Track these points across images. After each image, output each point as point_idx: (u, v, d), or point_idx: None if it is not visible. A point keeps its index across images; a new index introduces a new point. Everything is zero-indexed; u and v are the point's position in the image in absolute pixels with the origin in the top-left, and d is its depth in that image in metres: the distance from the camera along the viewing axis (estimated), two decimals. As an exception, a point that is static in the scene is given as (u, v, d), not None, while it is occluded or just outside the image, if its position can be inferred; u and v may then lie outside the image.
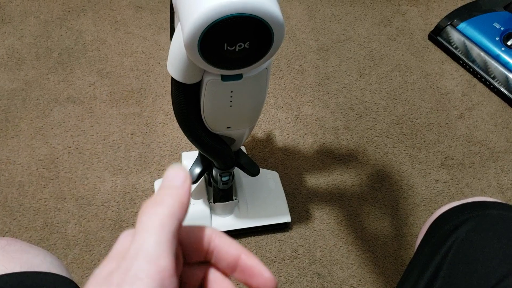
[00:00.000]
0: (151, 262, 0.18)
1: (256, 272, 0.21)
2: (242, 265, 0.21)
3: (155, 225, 0.19)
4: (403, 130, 0.92)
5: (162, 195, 0.20)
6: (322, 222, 0.79)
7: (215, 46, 0.39)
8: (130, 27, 1.03)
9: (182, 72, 0.45)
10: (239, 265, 0.21)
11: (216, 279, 0.22)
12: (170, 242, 0.19)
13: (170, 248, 0.19)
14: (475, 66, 1.01)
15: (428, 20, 1.12)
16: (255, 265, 0.21)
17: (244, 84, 0.46)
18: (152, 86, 0.94)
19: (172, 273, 0.18)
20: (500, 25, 1.04)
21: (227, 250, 0.21)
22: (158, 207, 0.20)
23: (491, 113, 0.97)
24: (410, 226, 0.80)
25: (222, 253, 0.21)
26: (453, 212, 0.39)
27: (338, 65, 1.01)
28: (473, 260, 0.33)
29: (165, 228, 0.19)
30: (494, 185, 0.86)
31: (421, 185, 0.85)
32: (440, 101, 0.98)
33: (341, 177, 0.85)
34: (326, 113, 0.93)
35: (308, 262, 0.75)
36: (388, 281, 0.74)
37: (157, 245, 0.18)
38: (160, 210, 0.19)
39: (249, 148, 0.86)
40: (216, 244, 0.22)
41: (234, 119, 0.53)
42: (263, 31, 0.39)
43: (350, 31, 1.08)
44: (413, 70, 1.02)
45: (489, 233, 0.34)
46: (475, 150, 0.91)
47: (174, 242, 0.19)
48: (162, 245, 0.18)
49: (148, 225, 0.19)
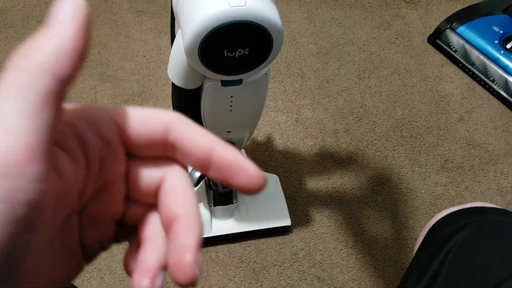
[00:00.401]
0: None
1: (237, 169, 0.16)
2: (217, 161, 0.16)
3: (12, 86, 0.13)
4: (403, 133, 0.93)
5: (35, 40, 0.14)
6: (322, 226, 0.79)
7: (215, 52, 0.40)
8: (131, 31, 1.03)
9: (183, 77, 0.45)
10: (213, 162, 0.16)
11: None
12: (36, 110, 0.13)
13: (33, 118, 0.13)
14: (474, 69, 1.02)
15: (428, 23, 1.13)
16: (233, 160, 0.16)
17: (244, 89, 0.47)
18: (153, 90, 0.94)
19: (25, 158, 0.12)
20: (499, 29, 1.04)
21: (194, 143, 0.16)
22: (24, 59, 0.13)
23: (491, 116, 0.97)
24: (410, 229, 0.80)
25: (188, 147, 0.16)
26: (452, 217, 0.39)
27: (338, 69, 1.01)
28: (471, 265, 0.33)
29: (28, 90, 0.13)
30: (494, 188, 0.87)
31: (420, 188, 0.85)
32: (439, 104, 0.98)
33: (341, 180, 0.85)
34: (325, 116, 0.94)
35: (308, 266, 0.75)
36: (388, 284, 0.74)
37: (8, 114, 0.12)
38: (23, 64, 0.13)
39: (249, 151, 0.87)
40: (179, 136, 0.16)
41: (234, 124, 0.53)
42: (262, 37, 0.39)
43: (349, 34, 1.08)
44: (413, 73, 1.03)
45: (488, 238, 0.34)
46: (474, 153, 0.91)
47: (48, 109, 0.13)
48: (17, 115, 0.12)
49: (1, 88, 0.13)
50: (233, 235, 0.74)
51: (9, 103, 0.13)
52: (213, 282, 0.72)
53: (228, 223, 0.75)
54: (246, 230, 0.74)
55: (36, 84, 0.13)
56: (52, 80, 0.14)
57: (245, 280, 0.73)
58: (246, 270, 0.74)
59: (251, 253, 0.75)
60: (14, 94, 0.13)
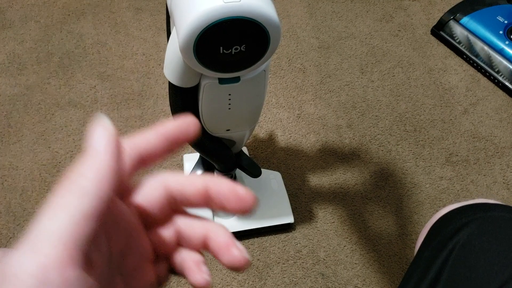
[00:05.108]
0: (33, 252, 0.15)
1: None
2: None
3: (58, 207, 0.16)
4: (407, 127, 0.91)
5: (77, 166, 0.17)
6: (325, 222, 0.78)
7: (211, 49, 0.39)
8: (130, 29, 1.03)
9: (179, 76, 0.45)
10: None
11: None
12: (76, 227, 0.15)
13: (72, 234, 0.15)
14: (479, 61, 1.00)
15: (431, 15, 1.11)
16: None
17: (242, 87, 0.46)
18: (153, 88, 0.93)
19: (63, 266, 0.15)
20: (504, 19, 1.02)
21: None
22: (69, 184, 0.16)
23: (496, 108, 0.96)
24: (414, 224, 0.79)
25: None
26: (454, 214, 0.38)
27: (340, 63, 1.00)
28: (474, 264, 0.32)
29: (70, 211, 0.16)
30: (499, 181, 0.85)
31: (425, 183, 0.84)
32: (443, 97, 0.96)
33: (344, 176, 0.84)
34: (328, 111, 0.92)
35: (312, 263, 0.74)
36: (393, 280, 0.74)
37: (50, 230, 0.15)
38: (69, 188, 0.16)
39: (251, 149, 0.86)
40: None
41: (234, 122, 0.53)
42: (258, 33, 0.38)
43: (351, 28, 1.07)
44: (416, 66, 1.01)
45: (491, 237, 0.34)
46: (480, 146, 0.90)
47: (87, 226, 0.16)
48: (58, 230, 0.15)
49: (49, 207, 0.16)
50: (236, 233, 0.74)
51: (56, 220, 0.16)
52: (217, 281, 0.72)
53: (230, 221, 0.74)
54: (249, 228, 0.74)
55: (80, 204, 0.16)
56: (93, 200, 0.16)
57: (248, 278, 0.72)
58: (250, 268, 0.73)
59: (254, 251, 0.75)
60: (61, 213, 0.16)
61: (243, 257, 0.19)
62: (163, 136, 0.19)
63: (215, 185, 0.19)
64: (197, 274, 0.19)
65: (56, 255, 0.15)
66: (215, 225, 0.20)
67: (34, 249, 0.15)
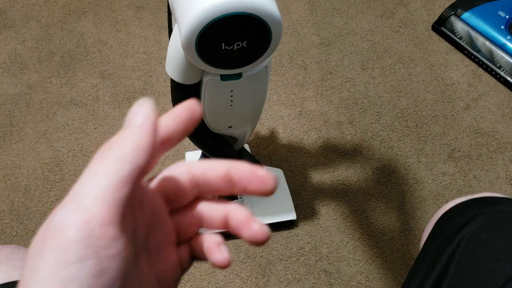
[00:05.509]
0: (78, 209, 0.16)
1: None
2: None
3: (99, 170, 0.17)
4: (408, 123, 0.91)
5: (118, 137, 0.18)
6: (328, 219, 0.78)
7: (212, 46, 0.39)
8: (131, 27, 1.03)
9: (181, 73, 0.45)
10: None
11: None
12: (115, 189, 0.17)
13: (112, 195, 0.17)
14: (480, 56, 1.00)
15: (432, 10, 1.11)
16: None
17: (244, 83, 0.46)
18: (155, 86, 0.93)
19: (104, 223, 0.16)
20: (505, 14, 1.02)
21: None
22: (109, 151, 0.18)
23: (498, 103, 0.95)
24: (417, 220, 0.79)
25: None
26: (460, 208, 0.38)
27: (341, 59, 1.00)
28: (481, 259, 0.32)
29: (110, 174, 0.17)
30: (502, 176, 0.85)
31: (427, 179, 0.84)
32: (445, 93, 0.96)
33: (346, 173, 0.84)
34: (329, 108, 0.92)
35: (315, 259, 0.74)
36: (396, 276, 0.74)
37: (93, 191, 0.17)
38: (109, 155, 0.18)
39: (252, 146, 0.86)
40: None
41: (235, 119, 0.53)
42: (260, 29, 0.38)
43: (352, 24, 1.07)
44: (417, 62, 1.01)
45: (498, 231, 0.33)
46: (482, 141, 0.90)
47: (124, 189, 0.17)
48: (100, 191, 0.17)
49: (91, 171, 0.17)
50: (238, 231, 0.74)
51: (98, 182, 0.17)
52: (220, 278, 0.72)
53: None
54: (251, 225, 0.74)
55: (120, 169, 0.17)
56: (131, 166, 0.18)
57: (251, 275, 0.73)
58: (252, 265, 0.73)
59: (257, 248, 0.75)
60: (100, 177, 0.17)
61: (263, 231, 0.20)
62: (179, 118, 0.20)
63: (236, 168, 0.20)
64: (218, 253, 0.20)
65: (99, 213, 0.16)
66: (235, 205, 0.21)
67: (78, 207, 0.16)
